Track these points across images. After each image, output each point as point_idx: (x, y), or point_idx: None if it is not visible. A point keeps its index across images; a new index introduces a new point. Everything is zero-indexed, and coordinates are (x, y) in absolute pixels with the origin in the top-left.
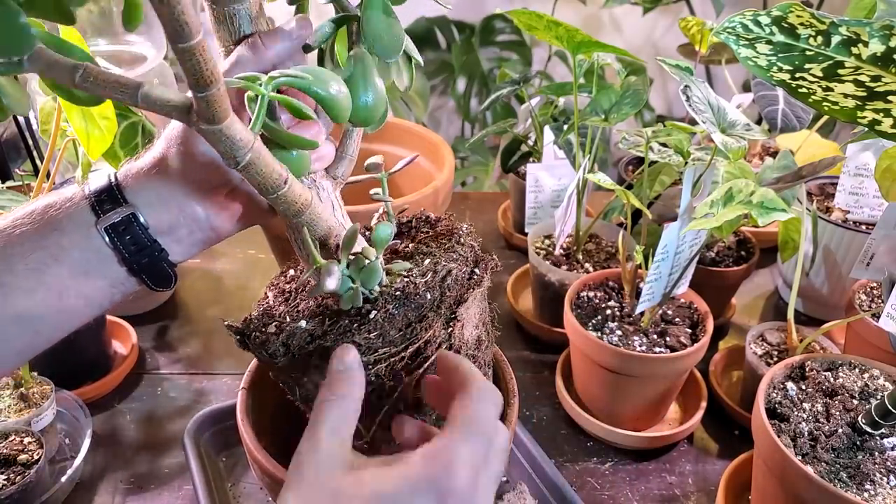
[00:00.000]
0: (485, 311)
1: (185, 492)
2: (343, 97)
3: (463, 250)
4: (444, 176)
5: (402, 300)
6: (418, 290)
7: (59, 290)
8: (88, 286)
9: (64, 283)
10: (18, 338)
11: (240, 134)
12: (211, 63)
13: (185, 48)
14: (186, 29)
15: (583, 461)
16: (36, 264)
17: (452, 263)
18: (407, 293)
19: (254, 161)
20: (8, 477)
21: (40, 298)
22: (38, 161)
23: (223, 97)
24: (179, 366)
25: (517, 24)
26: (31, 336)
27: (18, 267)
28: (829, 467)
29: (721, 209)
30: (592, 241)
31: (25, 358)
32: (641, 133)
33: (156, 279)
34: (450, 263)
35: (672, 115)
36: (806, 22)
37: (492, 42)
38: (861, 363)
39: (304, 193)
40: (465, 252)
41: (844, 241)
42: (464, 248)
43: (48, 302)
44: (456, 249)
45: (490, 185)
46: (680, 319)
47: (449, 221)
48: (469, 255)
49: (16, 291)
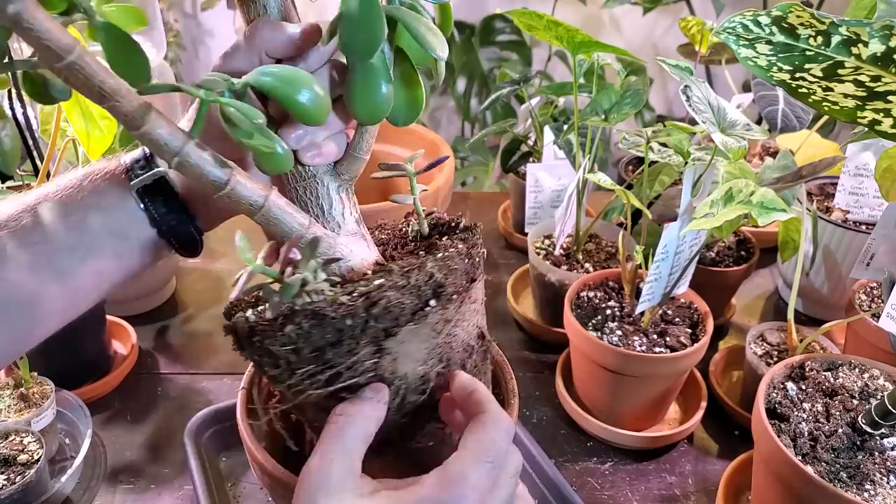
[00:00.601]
0: (453, 348)
1: (185, 492)
2: (313, 103)
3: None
4: (444, 176)
5: (318, 320)
6: (336, 313)
7: (97, 250)
8: (122, 247)
9: (102, 242)
10: (59, 298)
11: (164, 138)
12: (97, 76)
13: (62, 67)
14: (56, 50)
15: (583, 461)
16: (77, 224)
17: (391, 292)
18: (321, 314)
19: (183, 163)
20: (8, 477)
21: (80, 256)
22: (38, 161)
23: (129, 102)
24: (179, 366)
25: (517, 24)
26: (70, 295)
27: (61, 226)
28: (829, 467)
29: (721, 209)
30: (592, 241)
31: (64, 320)
32: (641, 133)
33: (182, 243)
34: (388, 291)
35: (672, 115)
36: (806, 22)
37: (492, 42)
38: (861, 363)
39: (252, 196)
40: (436, 273)
41: (844, 241)
42: (438, 268)
43: (87, 261)
44: (426, 268)
45: (490, 185)
46: (680, 319)
47: (466, 233)
48: (430, 282)
49: (59, 249)
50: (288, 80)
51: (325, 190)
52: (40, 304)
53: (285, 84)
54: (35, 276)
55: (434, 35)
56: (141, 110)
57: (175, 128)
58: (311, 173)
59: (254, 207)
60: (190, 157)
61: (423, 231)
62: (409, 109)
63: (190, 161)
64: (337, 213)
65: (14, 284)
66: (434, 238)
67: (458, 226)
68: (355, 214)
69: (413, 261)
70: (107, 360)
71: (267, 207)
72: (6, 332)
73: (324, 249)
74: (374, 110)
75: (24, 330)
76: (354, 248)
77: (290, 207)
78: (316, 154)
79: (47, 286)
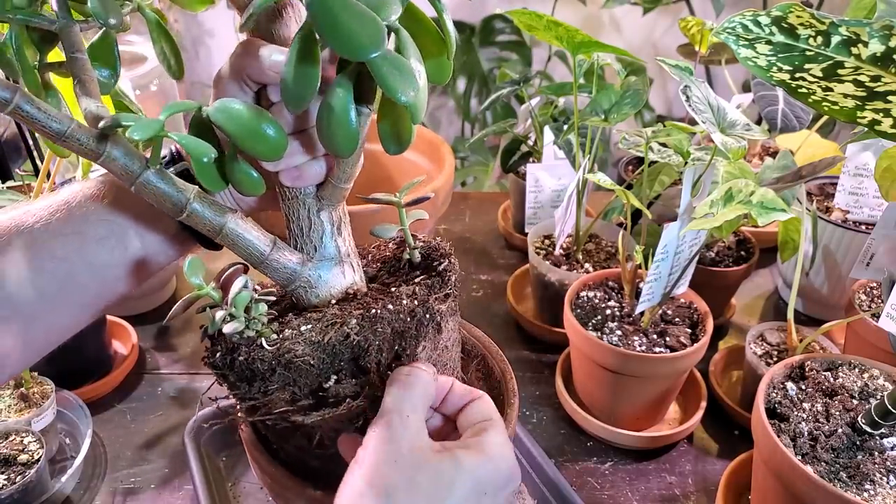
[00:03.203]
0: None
1: (185, 492)
2: (264, 144)
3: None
4: (444, 176)
5: (235, 354)
6: (248, 355)
7: (125, 242)
8: (149, 238)
9: (129, 233)
10: (89, 287)
11: (121, 168)
12: (39, 123)
13: (7, 114)
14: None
15: (583, 461)
16: (107, 216)
17: (300, 346)
18: (237, 349)
19: (141, 189)
20: (8, 477)
21: (110, 246)
22: (38, 161)
23: (75, 133)
24: (179, 366)
25: (517, 24)
26: (98, 285)
27: (93, 217)
28: (828, 467)
29: (721, 209)
30: (592, 241)
31: (94, 312)
32: (641, 133)
33: (202, 235)
34: (298, 345)
35: (672, 115)
36: (806, 22)
37: (492, 42)
38: (861, 363)
39: (211, 221)
40: (352, 335)
41: (844, 241)
42: (360, 328)
43: (116, 252)
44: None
45: (490, 185)
46: (680, 319)
47: (436, 278)
48: (346, 342)
49: (90, 240)
50: (237, 121)
51: (305, 212)
52: (73, 296)
53: (234, 124)
54: (68, 267)
55: (400, 75)
56: (93, 142)
57: (134, 156)
58: (294, 194)
59: (213, 230)
60: (147, 184)
61: (414, 260)
62: (397, 138)
63: (147, 188)
64: (315, 236)
65: (49, 275)
66: (414, 275)
67: (439, 266)
68: (337, 240)
69: (336, 312)
70: (107, 360)
71: (226, 231)
72: (42, 322)
73: (284, 277)
74: (338, 144)
75: (59, 322)
76: (325, 274)
77: (254, 232)
78: (296, 177)
79: (79, 277)
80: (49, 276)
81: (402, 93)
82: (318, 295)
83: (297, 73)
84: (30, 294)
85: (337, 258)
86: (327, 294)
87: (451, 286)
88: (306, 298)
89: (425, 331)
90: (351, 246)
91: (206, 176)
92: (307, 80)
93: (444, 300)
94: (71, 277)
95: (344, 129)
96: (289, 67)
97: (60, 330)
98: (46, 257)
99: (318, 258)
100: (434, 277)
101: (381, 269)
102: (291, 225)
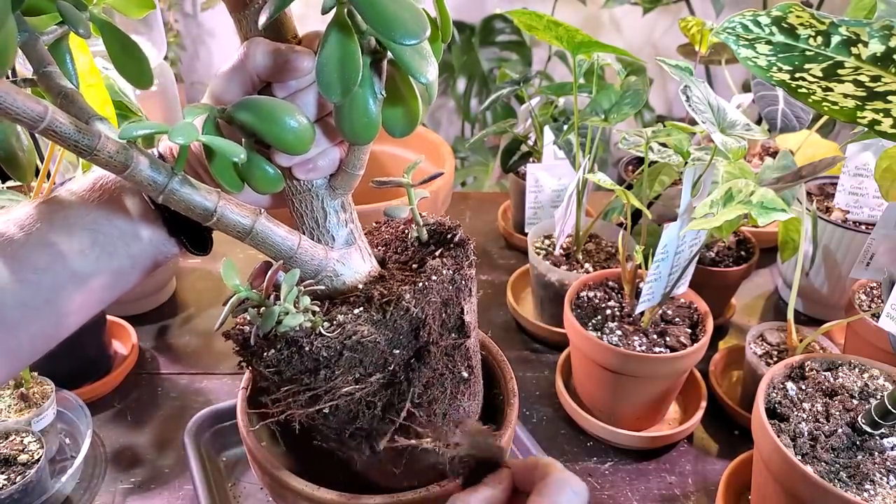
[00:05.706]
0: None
1: (186, 492)
2: (293, 135)
3: (412, 305)
4: (443, 177)
5: (296, 348)
6: (312, 345)
7: (109, 251)
8: (135, 247)
9: (115, 243)
10: (74, 297)
11: (148, 179)
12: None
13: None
14: (30, 121)
15: (583, 461)
16: (92, 225)
17: (365, 326)
18: (299, 343)
19: (169, 199)
20: (8, 477)
21: (95, 256)
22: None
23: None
24: (179, 366)
25: (517, 24)
26: (84, 295)
27: (75, 229)
28: (828, 467)
29: (721, 209)
30: (592, 241)
31: (80, 320)
32: (641, 133)
33: (192, 241)
34: (362, 326)
35: (672, 115)
36: (806, 22)
37: (492, 42)
38: (861, 363)
39: (241, 222)
40: (412, 308)
41: (844, 241)
42: (415, 301)
43: (101, 261)
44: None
45: (490, 185)
46: (680, 319)
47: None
48: (406, 316)
49: (72, 252)
50: (265, 117)
51: (319, 203)
52: (57, 305)
53: (262, 121)
54: (52, 278)
55: (421, 58)
56: (122, 154)
57: (159, 165)
58: (306, 187)
59: (242, 233)
60: (175, 193)
61: (422, 238)
62: (405, 122)
63: (175, 197)
64: (331, 225)
65: (32, 286)
66: (430, 250)
67: (454, 238)
68: (350, 226)
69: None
70: (107, 360)
71: (255, 231)
72: (26, 331)
73: (312, 269)
74: (360, 132)
75: (43, 330)
76: (347, 261)
77: (280, 229)
78: (310, 169)
79: (63, 287)
80: (33, 287)
81: (425, 74)
82: (345, 282)
83: (341, 63)
84: (13, 305)
85: (355, 244)
86: (353, 279)
87: (472, 252)
88: (332, 286)
89: (463, 295)
90: (361, 230)
91: (226, 177)
92: (351, 68)
93: (471, 265)
94: (55, 288)
95: (367, 115)
96: (330, 59)
97: (47, 339)
98: (29, 269)
99: (338, 246)
100: (454, 248)
101: (387, 251)
102: (305, 218)
